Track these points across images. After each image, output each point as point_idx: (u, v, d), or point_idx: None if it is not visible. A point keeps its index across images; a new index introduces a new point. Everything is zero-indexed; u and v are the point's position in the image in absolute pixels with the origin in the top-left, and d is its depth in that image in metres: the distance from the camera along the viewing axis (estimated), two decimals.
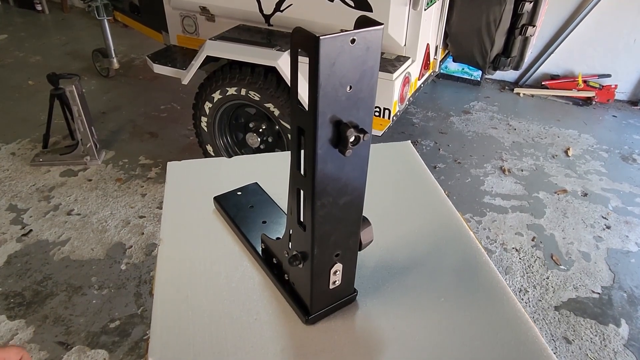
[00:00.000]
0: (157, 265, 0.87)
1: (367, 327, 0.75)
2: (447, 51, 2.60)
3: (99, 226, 2.31)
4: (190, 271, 0.85)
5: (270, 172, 1.12)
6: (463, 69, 3.97)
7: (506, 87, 4.03)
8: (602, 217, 2.53)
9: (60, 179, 2.65)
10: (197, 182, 1.10)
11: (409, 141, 1.27)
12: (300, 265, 0.70)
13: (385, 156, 1.20)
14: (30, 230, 2.27)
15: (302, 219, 0.67)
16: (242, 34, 2.25)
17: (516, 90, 3.94)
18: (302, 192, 0.65)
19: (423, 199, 1.05)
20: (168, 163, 1.15)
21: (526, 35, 2.22)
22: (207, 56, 2.17)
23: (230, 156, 1.21)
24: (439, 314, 0.78)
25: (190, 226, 0.96)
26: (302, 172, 0.63)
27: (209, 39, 2.17)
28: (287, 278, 0.79)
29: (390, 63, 1.97)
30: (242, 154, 2.50)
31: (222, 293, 0.81)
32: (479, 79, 4.00)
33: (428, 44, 2.19)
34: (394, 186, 1.09)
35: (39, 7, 5.34)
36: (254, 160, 1.19)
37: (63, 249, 2.16)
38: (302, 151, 0.60)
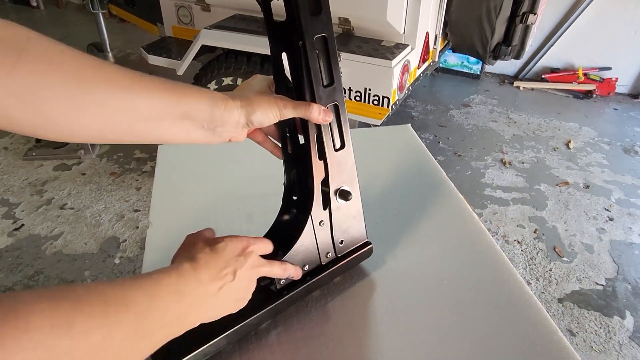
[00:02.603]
0: (145, 249, 0.83)
1: (366, 313, 0.71)
2: (446, 41, 2.56)
3: (93, 220, 2.26)
4: None
5: (265, 154, 1.08)
6: (462, 62, 3.94)
7: (506, 81, 3.99)
8: (605, 209, 2.49)
9: (53, 173, 2.60)
10: (189, 165, 1.05)
11: (409, 124, 1.22)
12: (351, 197, 0.65)
13: (385, 139, 1.16)
14: (22, 224, 2.22)
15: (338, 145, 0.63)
16: (238, 23, 2.21)
17: (516, 83, 3.91)
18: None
19: (425, 181, 1.01)
20: (159, 146, 1.10)
21: (527, 23, 2.18)
22: (202, 46, 2.13)
23: None
24: (442, 296, 0.74)
25: (180, 210, 0.92)
26: None
27: (204, 28, 2.12)
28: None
29: (389, 50, 1.93)
30: None
31: None
32: (478, 73, 3.96)
33: (427, 32, 2.15)
34: (396, 169, 1.05)
35: (34, 3, 5.29)
36: (249, 143, 1.14)
37: (55, 243, 2.12)
38: None
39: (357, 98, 1.97)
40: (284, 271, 0.62)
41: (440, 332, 0.68)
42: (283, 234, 0.66)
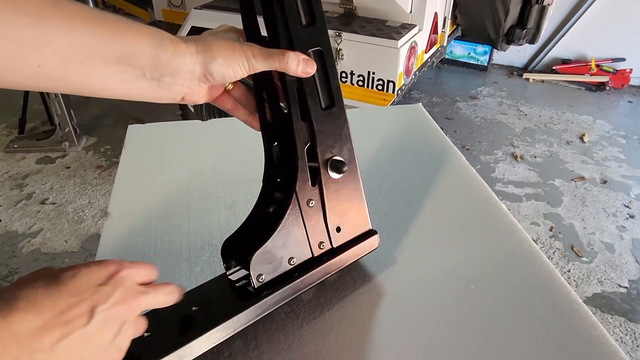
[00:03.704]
0: (99, 247, 0.67)
1: (372, 327, 0.55)
2: (455, 26, 2.40)
3: (75, 216, 2.11)
4: (142, 251, 0.65)
5: (248, 135, 0.92)
6: (469, 53, 3.77)
7: (514, 73, 3.83)
8: (625, 205, 2.33)
9: (35, 166, 2.44)
10: (161, 146, 0.90)
11: (420, 104, 1.06)
12: (345, 169, 0.51)
13: (394, 120, 1.00)
14: None
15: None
16: (231, 2, 2.05)
17: (525, 75, 3.74)
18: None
19: (441, 166, 0.86)
20: (129, 126, 0.95)
21: (544, 4, 2.02)
22: (192, 27, 1.98)
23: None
24: (468, 306, 0.58)
25: (147, 199, 0.76)
26: None
27: (194, 8, 1.97)
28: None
29: (394, 30, 1.77)
30: None
31: (182, 277, 0.61)
32: (485, 64, 3.79)
33: (436, 12, 1.99)
34: (407, 152, 0.89)
35: None
36: (232, 123, 0.98)
37: (33, 241, 1.96)
38: None
39: (360, 83, 1.81)
40: (173, 294, 0.42)
41: (467, 351, 0.52)
42: (263, 223, 0.50)
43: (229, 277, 0.52)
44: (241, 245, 0.51)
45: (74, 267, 0.36)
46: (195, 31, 2.02)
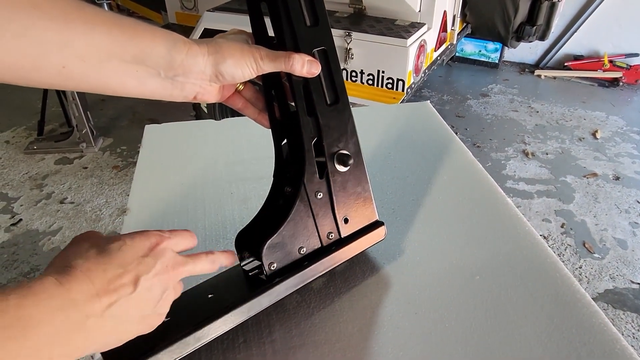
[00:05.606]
0: None
1: (380, 316, 0.58)
2: (464, 24, 2.41)
3: (93, 215, 2.16)
4: None
5: (260, 133, 0.95)
6: (480, 50, 3.76)
7: (526, 70, 3.81)
8: (638, 201, 2.31)
9: (54, 166, 2.51)
10: (177, 144, 0.93)
11: (428, 101, 1.08)
12: (351, 162, 0.54)
13: (402, 117, 1.03)
14: (20, 219, 2.13)
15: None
16: (244, 4, 2.08)
17: (537, 72, 3.72)
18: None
19: (448, 162, 0.87)
20: (146, 126, 0.99)
21: (553, 0, 2.02)
22: (205, 30, 2.01)
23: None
24: (473, 296, 0.60)
25: (165, 194, 0.79)
26: None
27: (207, 11, 2.01)
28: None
29: (403, 29, 1.78)
30: None
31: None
32: (496, 62, 3.78)
33: (445, 11, 2.00)
34: (415, 149, 0.91)
35: None
36: (244, 122, 1.01)
37: (53, 239, 2.02)
38: None
39: (370, 82, 1.83)
40: (213, 263, 0.47)
41: (472, 338, 0.54)
42: (273, 215, 0.53)
43: (243, 267, 0.55)
44: (253, 236, 0.54)
45: (119, 239, 0.40)
46: (208, 33, 2.06)
